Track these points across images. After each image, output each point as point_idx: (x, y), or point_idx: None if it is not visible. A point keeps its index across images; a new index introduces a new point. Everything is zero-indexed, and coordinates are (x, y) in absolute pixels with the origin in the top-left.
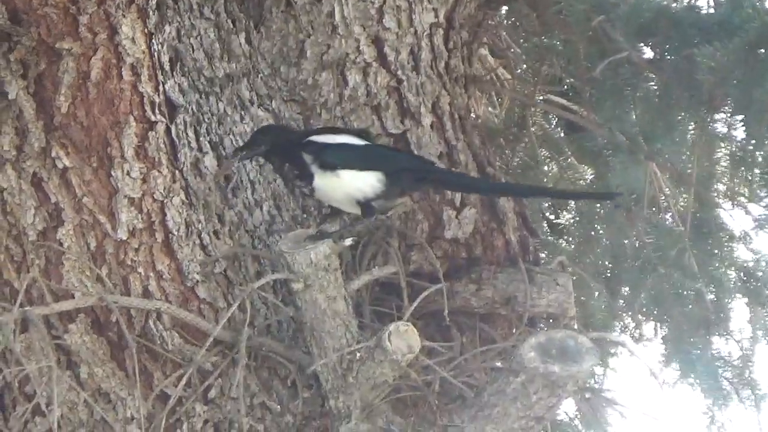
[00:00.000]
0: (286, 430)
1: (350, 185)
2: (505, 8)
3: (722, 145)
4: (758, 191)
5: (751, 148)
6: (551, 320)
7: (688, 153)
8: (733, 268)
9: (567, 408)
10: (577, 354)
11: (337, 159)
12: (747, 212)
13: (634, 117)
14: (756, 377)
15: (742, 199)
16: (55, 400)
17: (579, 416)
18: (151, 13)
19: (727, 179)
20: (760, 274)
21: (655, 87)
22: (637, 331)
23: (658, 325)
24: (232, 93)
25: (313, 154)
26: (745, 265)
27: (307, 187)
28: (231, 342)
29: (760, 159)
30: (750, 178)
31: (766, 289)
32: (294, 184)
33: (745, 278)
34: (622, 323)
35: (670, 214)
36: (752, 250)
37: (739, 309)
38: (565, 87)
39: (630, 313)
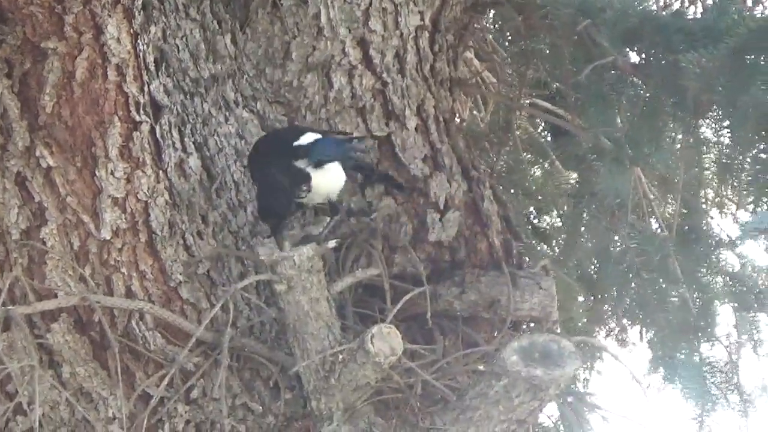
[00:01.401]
0: (268, 431)
1: (333, 178)
2: (491, 12)
3: (709, 151)
4: (745, 198)
5: (737, 154)
6: (534, 324)
7: (674, 159)
8: (720, 275)
9: (549, 412)
10: (559, 358)
11: (322, 155)
12: (735, 219)
13: (619, 122)
14: (743, 382)
15: (730, 205)
16: (37, 399)
17: (561, 420)
18: (136, 13)
19: (715, 185)
20: (747, 279)
21: (641, 92)
22: (622, 335)
23: (644, 329)
24: (217, 94)
25: (306, 157)
26: (732, 270)
27: (306, 189)
28: (213, 343)
29: (746, 165)
30: (736, 184)
31: (752, 295)
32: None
33: (731, 283)
34: (606, 327)
35: (655, 219)
36: (739, 255)
37: (725, 314)
38: (551, 91)
39: (615, 318)
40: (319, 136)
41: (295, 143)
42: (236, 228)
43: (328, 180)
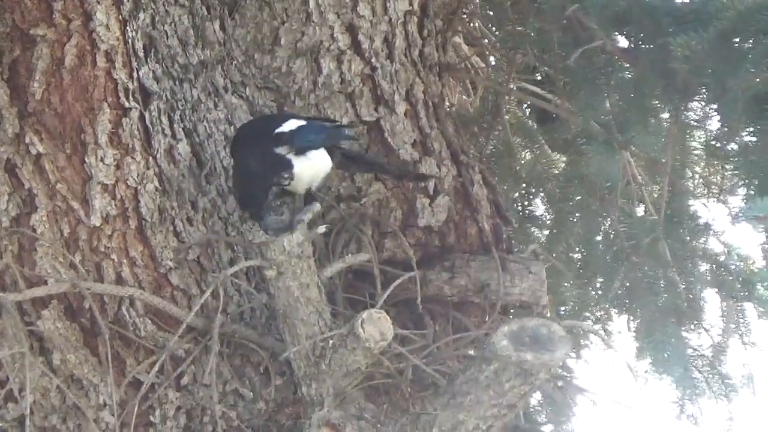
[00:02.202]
0: (259, 416)
1: (316, 165)
2: None
3: (697, 134)
4: (732, 181)
5: (725, 137)
6: (524, 308)
7: (662, 142)
8: (705, 260)
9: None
10: (549, 342)
11: (305, 142)
12: (723, 202)
13: (608, 105)
14: (727, 369)
15: (716, 189)
16: (28, 386)
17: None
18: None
19: (702, 169)
20: (732, 266)
21: (630, 76)
22: (609, 323)
23: (630, 318)
24: (206, 80)
25: (287, 143)
26: (717, 257)
27: (288, 177)
28: (204, 329)
29: (734, 148)
30: (724, 167)
31: (738, 282)
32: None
33: (716, 270)
34: (594, 316)
35: (644, 203)
36: (724, 243)
37: (711, 301)
38: (539, 75)
39: (602, 305)
40: (303, 122)
41: (277, 130)
42: (226, 214)
43: (311, 167)
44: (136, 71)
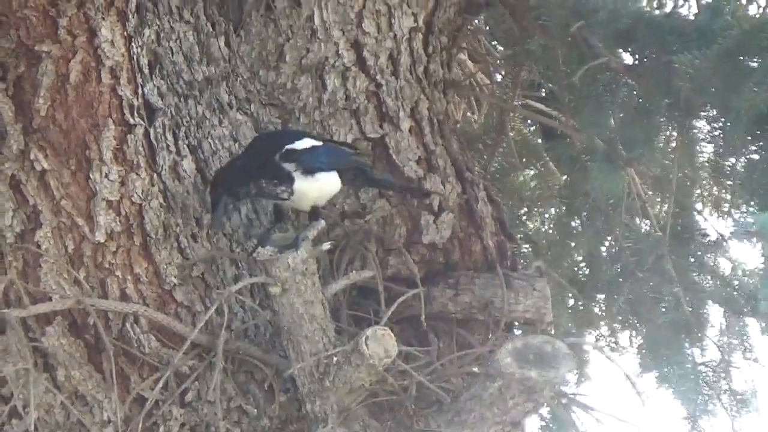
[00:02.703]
0: None
1: (324, 187)
2: (484, 14)
3: (702, 151)
4: (737, 198)
5: (730, 154)
6: (528, 326)
7: (667, 159)
8: (709, 276)
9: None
10: (554, 359)
11: (315, 163)
12: (728, 218)
13: (612, 123)
14: (734, 384)
15: (723, 206)
16: (32, 403)
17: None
18: (130, 16)
19: (708, 186)
20: (737, 282)
21: (634, 93)
22: (613, 339)
23: (634, 333)
24: (211, 96)
25: (295, 161)
26: (722, 273)
27: (287, 191)
28: (208, 345)
29: (738, 166)
30: (729, 184)
31: (742, 299)
32: (273, 192)
33: (721, 286)
34: (598, 332)
35: (648, 219)
36: (729, 259)
37: (716, 316)
38: (544, 92)
39: (606, 321)
40: (318, 143)
41: (289, 146)
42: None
43: (318, 188)
44: (140, 87)
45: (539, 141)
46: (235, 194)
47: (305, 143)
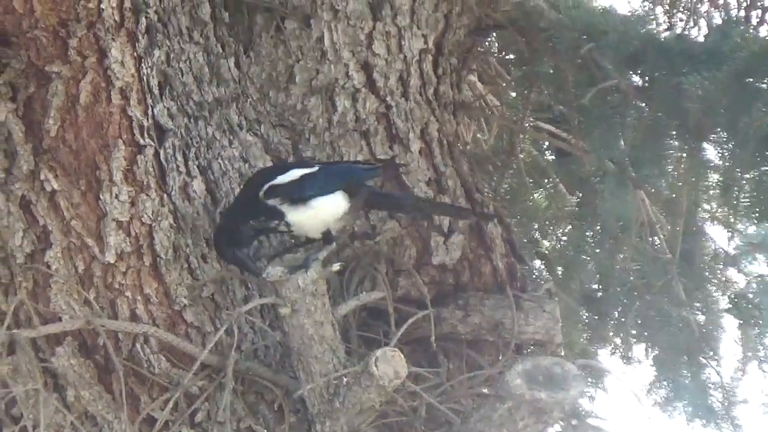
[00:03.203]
0: None
1: (324, 211)
2: (494, 35)
3: (710, 172)
4: (744, 219)
5: (738, 175)
6: (538, 347)
7: (676, 180)
8: (722, 292)
9: None
10: (563, 381)
11: (304, 192)
12: (732, 238)
13: (622, 144)
14: (746, 400)
15: (730, 225)
16: (42, 423)
17: None
18: (140, 36)
19: (715, 206)
20: (751, 296)
21: (644, 115)
22: (628, 352)
23: (649, 345)
24: (221, 117)
25: (281, 195)
26: (736, 287)
27: (282, 223)
28: (218, 366)
29: (746, 186)
30: (736, 204)
31: (757, 311)
32: (268, 229)
33: (736, 300)
34: (612, 345)
35: (658, 241)
36: (743, 273)
37: (729, 330)
38: (554, 114)
39: (619, 335)
40: (310, 170)
41: (272, 182)
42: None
43: (314, 215)
44: (151, 108)
45: (549, 162)
46: (240, 243)
47: (291, 175)
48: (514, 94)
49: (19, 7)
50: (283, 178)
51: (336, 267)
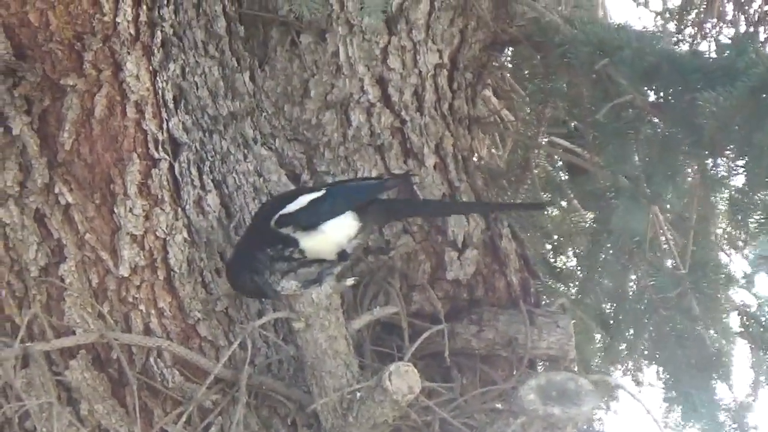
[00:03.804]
0: None
1: (335, 234)
2: (509, 50)
3: (722, 189)
4: (756, 236)
5: (750, 192)
6: (552, 362)
7: (688, 196)
8: (733, 312)
9: None
10: (577, 396)
11: (313, 217)
12: (744, 256)
13: (636, 160)
14: (757, 422)
15: (740, 243)
16: None
17: None
18: (155, 50)
19: (726, 223)
20: (763, 318)
21: (659, 130)
22: (639, 375)
23: (660, 369)
24: (236, 131)
25: (291, 224)
26: (747, 309)
27: (296, 250)
28: (231, 380)
29: (758, 203)
30: (747, 221)
31: None
32: (283, 258)
33: (747, 322)
34: (624, 367)
35: (672, 257)
36: (754, 295)
37: (740, 353)
38: (569, 129)
39: (631, 357)
40: (317, 195)
41: (282, 212)
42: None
43: (324, 239)
44: (165, 122)
45: (564, 178)
46: (258, 271)
47: (300, 202)
48: (528, 110)
49: (34, 21)
50: (291, 207)
51: (350, 281)
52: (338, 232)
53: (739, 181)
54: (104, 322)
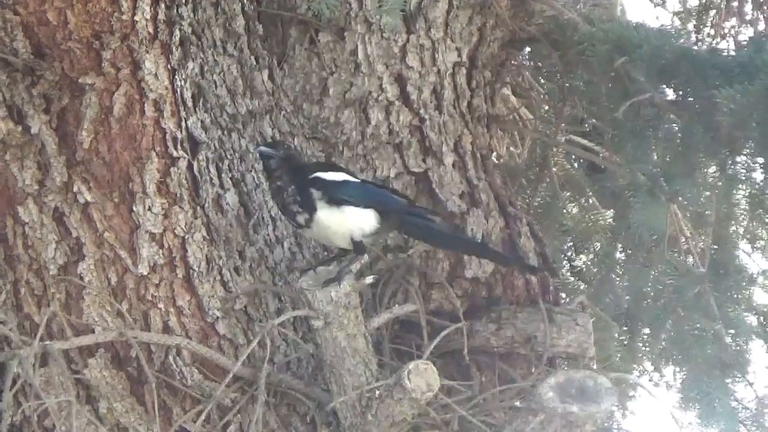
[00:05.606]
0: None
1: (353, 221)
2: (527, 48)
3: (741, 187)
4: None
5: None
6: (571, 360)
7: (707, 194)
8: (751, 312)
9: None
10: (596, 394)
11: (344, 195)
12: (764, 255)
13: (655, 158)
14: None
15: (761, 241)
16: None
17: None
18: (174, 49)
19: (746, 221)
20: None
21: (677, 128)
22: (657, 374)
23: (677, 369)
24: (255, 130)
25: (322, 189)
26: (764, 309)
27: (304, 217)
28: (250, 378)
29: None
30: (765, 218)
31: None
32: (291, 210)
33: (764, 322)
34: (641, 367)
35: (691, 255)
36: None
37: (757, 352)
38: (587, 127)
39: (651, 356)
40: (353, 180)
41: (316, 174)
42: (273, 264)
43: (339, 220)
44: (184, 120)
45: (582, 176)
46: (282, 171)
47: (336, 176)
48: (547, 108)
49: (53, 19)
50: (328, 176)
51: (369, 280)
52: (356, 220)
53: (758, 177)
54: (123, 321)
